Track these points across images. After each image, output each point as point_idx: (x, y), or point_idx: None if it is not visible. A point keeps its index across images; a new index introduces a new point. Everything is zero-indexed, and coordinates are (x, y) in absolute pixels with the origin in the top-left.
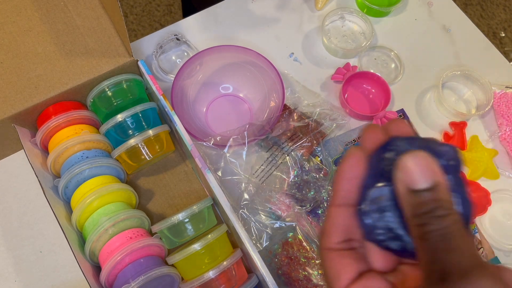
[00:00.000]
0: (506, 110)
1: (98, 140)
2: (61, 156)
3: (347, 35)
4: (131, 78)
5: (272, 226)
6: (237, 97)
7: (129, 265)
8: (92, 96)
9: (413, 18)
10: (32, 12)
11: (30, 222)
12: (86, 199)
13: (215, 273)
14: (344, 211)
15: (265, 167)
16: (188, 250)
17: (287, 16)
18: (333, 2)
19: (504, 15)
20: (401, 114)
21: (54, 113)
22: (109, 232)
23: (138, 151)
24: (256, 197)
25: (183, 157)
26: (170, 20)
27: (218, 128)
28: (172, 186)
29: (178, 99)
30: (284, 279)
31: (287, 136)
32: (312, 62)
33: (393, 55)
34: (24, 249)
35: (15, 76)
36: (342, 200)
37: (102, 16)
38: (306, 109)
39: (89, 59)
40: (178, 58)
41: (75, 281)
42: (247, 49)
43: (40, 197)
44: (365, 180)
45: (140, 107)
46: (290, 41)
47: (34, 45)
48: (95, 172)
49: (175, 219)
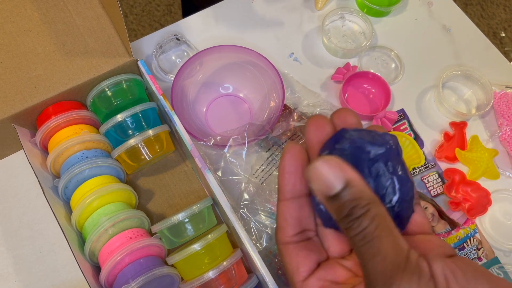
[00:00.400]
0: (506, 110)
1: (98, 140)
2: (60, 156)
3: (347, 35)
4: (131, 78)
5: (272, 226)
6: (237, 97)
7: (129, 265)
8: (92, 96)
9: (413, 18)
10: (31, 12)
11: (30, 222)
12: (86, 199)
13: (215, 273)
14: (293, 204)
15: (265, 167)
16: (188, 250)
17: (287, 16)
18: (333, 2)
19: (504, 15)
20: (401, 114)
21: (54, 113)
22: (109, 232)
23: (138, 151)
24: (256, 197)
25: (183, 157)
26: (170, 20)
27: (218, 128)
28: (172, 186)
29: (178, 99)
30: (284, 279)
31: (287, 136)
32: (312, 62)
33: (393, 55)
34: (24, 249)
35: (14, 76)
36: (289, 194)
37: (102, 16)
38: (306, 109)
39: (89, 59)
40: (178, 58)
41: (74, 281)
42: (247, 49)
43: (40, 197)
44: None
45: (140, 107)
46: (290, 41)
47: (34, 45)
48: (95, 172)
49: (175, 219)
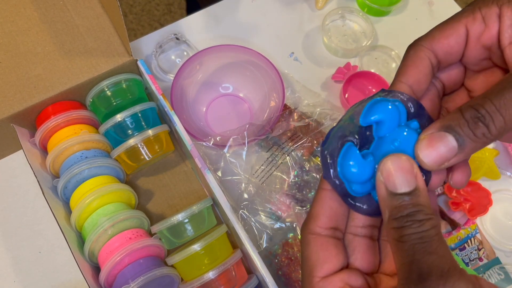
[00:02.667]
0: None
1: (97, 140)
2: (60, 156)
3: (348, 34)
4: (130, 78)
5: (272, 227)
6: (237, 97)
7: (128, 266)
8: (91, 96)
9: (414, 18)
10: (31, 11)
11: (29, 222)
12: (85, 199)
13: (215, 274)
14: (335, 195)
15: (265, 167)
16: (187, 250)
17: (287, 16)
18: (333, 2)
19: None
20: None
21: (53, 113)
22: (109, 233)
23: (137, 151)
24: (256, 197)
25: (183, 157)
26: (170, 19)
27: (218, 128)
28: (172, 186)
29: (177, 99)
30: (284, 279)
31: (287, 136)
32: (312, 61)
33: (394, 55)
34: (23, 250)
35: (14, 75)
36: None
37: (101, 15)
38: (307, 109)
39: (88, 59)
40: (178, 58)
41: (74, 282)
42: (247, 49)
43: (39, 197)
44: None
45: (139, 107)
46: (290, 40)
47: (33, 45)
48: (94, 172)
49: (174, 220)
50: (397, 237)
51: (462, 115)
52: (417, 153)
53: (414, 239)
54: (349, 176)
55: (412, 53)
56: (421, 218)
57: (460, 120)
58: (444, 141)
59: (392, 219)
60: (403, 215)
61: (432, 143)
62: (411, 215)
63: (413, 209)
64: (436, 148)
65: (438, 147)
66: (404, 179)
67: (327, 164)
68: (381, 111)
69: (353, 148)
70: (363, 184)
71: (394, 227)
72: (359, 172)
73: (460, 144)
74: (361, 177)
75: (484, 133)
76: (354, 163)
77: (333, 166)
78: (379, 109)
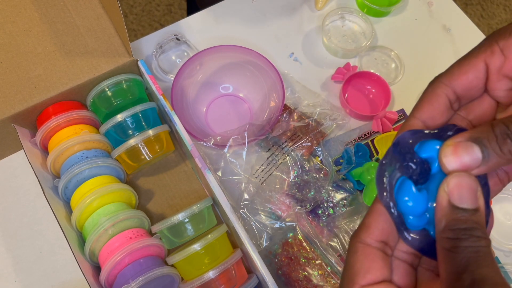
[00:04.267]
0: None
1: (98, 140)
2: (60, 156)
3: (347, 35)
4: (131, 78)
5: (272, 226)
6: (237, 97)
7: (128, 266)
8: (92, 96)
9: (413, 18)
10: (31, 12)
11: (30, 222)
12: (86, 199)
13: (215, 274)
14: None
15: (265, 167)
16: (188, 250)
17: (287, 16)
18: (333, 2)
19: (504, 15)
20: (401, 114)
21: (54, 113)
22: (109, 232)
23: (138, 151)
24: (256, 197)
25: (183, 157)
26: (170, 20)
27: (218, 128)
28: (172, 186)
29: (178, 99)
30: (284, 279)
31: (287, 136)
32: (312, 62)
33: (393, 55)
34: (24, 249)
35: (14, 76)
36: None
37: (101, 16)
38: (306, 109)
39: (89, 59)
40: (178, 58)
41: (74, 281)
42: (247, 49)
43: (40, 197)
44: None
45: (140, 107)
46: (290, 41)
47: (34, 45)
48: (95, 172)
49: (175, 219)
50: (450, 247)
51: (492, 129)
52: (441, 157)
53: (469, 252)
54: (404, 208)
55: (430, 90)
56: (478, 235)
57: (489, 133)
58: (469, 151)
59: (448, 229)
60: (460, 228)
61: (457, 151)
62: (469, 229)
63: (472, 225)
64: (460, 156)
65: (462, 156)
66: (469, 196)
67: (382, 185)
68: (432, 149)
69: (407, 182)
70: (419, 217)
71: (449, 237)
72: (414, 205)
73: (485, 157)
74: (416, 210)
75: (510, 151)
76: (409, 198)
77: (389, 192)
78: (429, 147)
